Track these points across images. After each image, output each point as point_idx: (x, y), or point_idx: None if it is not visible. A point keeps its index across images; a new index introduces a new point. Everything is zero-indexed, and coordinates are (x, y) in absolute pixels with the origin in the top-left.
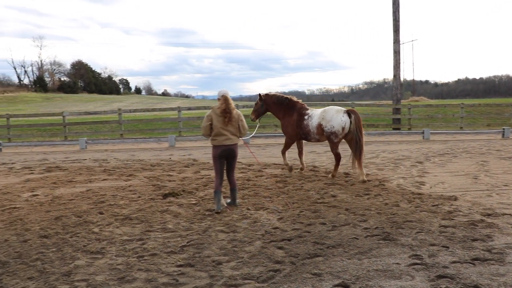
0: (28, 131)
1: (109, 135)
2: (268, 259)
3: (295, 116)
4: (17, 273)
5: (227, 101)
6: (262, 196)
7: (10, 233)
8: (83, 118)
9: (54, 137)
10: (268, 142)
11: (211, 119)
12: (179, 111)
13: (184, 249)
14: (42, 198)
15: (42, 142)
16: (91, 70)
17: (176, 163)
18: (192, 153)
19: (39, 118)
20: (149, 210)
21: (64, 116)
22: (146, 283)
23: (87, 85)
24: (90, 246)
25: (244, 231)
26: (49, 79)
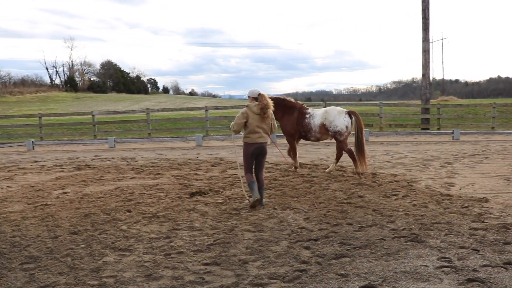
0: (59, 130)
1: (137, 134)
2: (294, 259)
3: (296, 115)
4: (48, 268)
5: (267, 99)
6: (289, 195)
7: (42, 229)
8: (112, 117)
9: (84, 136)
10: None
11: (247, 117)
12: (206, 111)
13: (211, 248)
14: (72, 195)
15: (72, 140)
16: (120, 70)
17: (203, 162)
18: (219, 152)
19: (70, 117)
20: (176, 209)
21: (93, 115)
22: (173, 280)
23: (116, 85)
24: (118, 243)
25: (271, 230)
26: (79, 79)
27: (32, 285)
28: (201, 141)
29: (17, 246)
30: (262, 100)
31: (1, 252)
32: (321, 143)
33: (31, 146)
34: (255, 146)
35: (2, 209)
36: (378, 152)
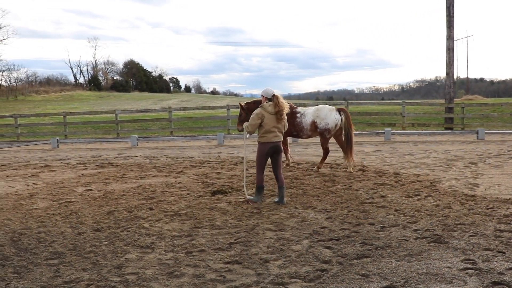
0: (83, 128)
1: (159, 133)
2: (315, 259)
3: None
4: (72, 264)
5: (282, 100)
6: (310, 195)
7: (66, 226)
8: (134, 116)
9: (107, 134)
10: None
11: (262, 118)
12: (228, 109)
13: (232, 246)
14: (96, 193)
15: (95, 139)
16: (142, 69)
17: (225, 160)
18: (240, 151)
19: (93, 116)
20: (197, 207)
21: (116, 114)
22: (194, 278)
23: (138, 84)
24: (141, 240)
25: (292, 229)
26: (103, 78)
27: (57, 280)
28: (223, 139)
29: (42, 242)
30: (278, 101)
31: (27, 248)
32: None
33: (56, 144)
34: (270, 145)
35: (28, 205)
36: (401, 151)
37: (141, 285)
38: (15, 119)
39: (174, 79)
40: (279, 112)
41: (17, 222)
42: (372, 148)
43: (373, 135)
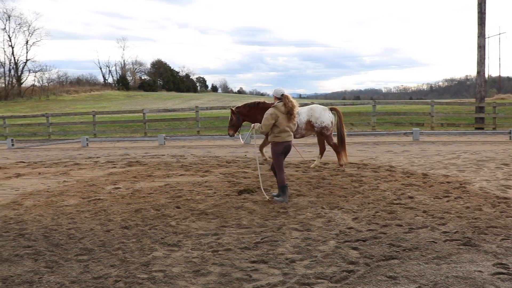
0: (111, 127)
1: (186, 132)
2: (342, 259)
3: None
4: (101, 260)
5: (291, 99)
6: (337, 195)
7: (95, 223)
8: (162, 115)
9: (135, 133)
10: None
11: (276, 118)
12: None
13: (258, 246)
14: (124, 191)
15: (124, 138)
16: (169, 69)
17: (251, 160)
18: (267, 150)
19: (121, 115)
20: (224, 206)
21: (144, 113)
22: (220, 277)
23: (166, 83)
24: (168, 238)
25: (318, 230)
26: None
27: (86, 276)
28: (250, 139)
29: (72, 238)
30: (288, 101)
31: (58, 243)
32: (370, 142)
33: (86, 142)
34: (284, 144)
35: (59, 202)
36: (429, 152)
37: (168, 283)
38: (46, 118)
39: (201, 79)
40: (290, 111)
41: (48, 218)
42: (399, 148)
43: (401, 135)
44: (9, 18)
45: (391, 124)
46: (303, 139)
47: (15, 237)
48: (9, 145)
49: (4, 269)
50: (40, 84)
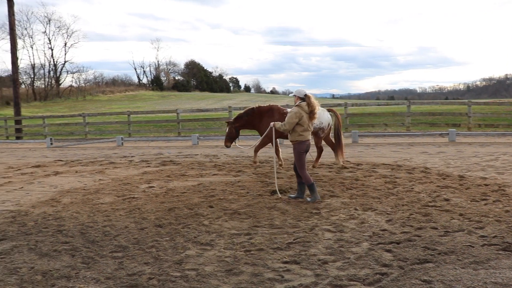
0: (145, 127)
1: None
2: (375, 262)
3: (277, 116)
4: (135, 257)
5: (313, 99)
6: (371, 196)
7: (130, 221)
8: (195, 115)
9: (169, 133)
10: (377, 141)
11: (300, 117)
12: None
13: (290, 246)
14: (158, 190)
15: (158, 137)
16: (203, 69)
17: (284, 160)
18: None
19: (155, 115)
20: (257, 206)
21: (178, 113)
22: (252, 277)
23: (199, 84)
24: (200, 237)
25: (351, 231)
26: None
27: (121, 272)
28: (282, 139)
29: (107, 235)
30: (311, 101)
31: (94, 240)
32: (404, 143)
33: (121, 142)
34: (306, 143)
35: (95, 200)
36: (466, 153)
37: (201, 281)
38: (83, 118)
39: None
40: (312, 111)
41: (85, 216)
42: (435, 150)
43: (436, 136)
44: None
45: (426, 125)
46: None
47: (54, 233)
48: (48, 144)
49: (43, 263)
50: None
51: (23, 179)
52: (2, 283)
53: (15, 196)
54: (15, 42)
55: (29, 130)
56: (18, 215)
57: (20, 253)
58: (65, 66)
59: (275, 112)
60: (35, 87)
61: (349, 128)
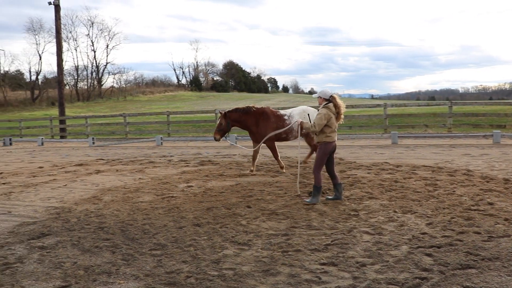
0: (184, 127)
1: None
2: (414, 266)
3: (273, 119)
4: (174, 256)
5: (338, 99)
6: (410, 199)
7: (168, 219)
8: None
9: (207, 133)
10: (417, 142)
11: (328, 118)
12: None
13: (328, 248)
14: (196, 189)
15: (196, 137)
16: (241, 69)
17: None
18: (338, 152)
19: (194, 115)
20: (294, 207)
21: (216, 114)
22: (290, 278)
23: (237, 84)
24: (238, 237)
25: (390, 234)
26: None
27: (159, 270)
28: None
29: (147, 233)
30: (338, 102)
31: (134, 237)
32: (446, 145)
33: (160, 141)
34: (333, 144)
35: (135, 198)
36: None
37: (238, 281)
38: (124, 118)
39: (272, 79)
40: (339, 112)
41: (125, 213)
42: (478, 152)
43: (480, 138)
44: (92, 25)
45: (468, 126)
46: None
47: (95, 230)
48: (90, 143)
49: (85, 259)
50: (118, 85)
51: (67, 177)
52: (48, 276)
53: (59, 193)
54: (60, 45)
55: (72, 129)
56: (62, 211)
57: (64, 248)
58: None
59: (271, 115)
60: (78, 88)
61: (389, 129)
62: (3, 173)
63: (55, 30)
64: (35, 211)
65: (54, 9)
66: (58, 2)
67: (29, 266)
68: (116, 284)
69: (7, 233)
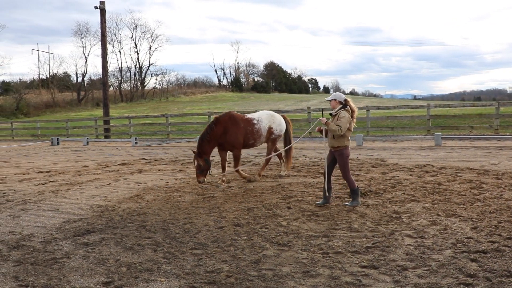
0: None
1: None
2: (459, 271)
3: (242, 124)
4: (214, 255)
5: (351, 102)
6: (454, 202)
7: (209, 219)
8: None
9: None
10: (462, 144)
11: (350, 121)
12: (368, 111)
13: (369, 250)
14: (237, 189)
15: None
16: (282, 70)
17: (364, 162)
18: (379, 153)
19: None
20: (335, 208)
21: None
22: (329, 280)
23: (278, 85)
24: (278, 238)
25: (433, 237)
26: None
27: (200, 269)
28: (362, 141)
29: (188, 232)
30: (352, 105)
31: (175, 236)
32: (492, 147)
33: None
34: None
35: (176, 198)
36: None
37: (277, 282)
38: (166, 118)
39: (313, 80)
40: (352, 116)
41: (166, 213)
42: None
43: None
44: (135, 27)
45: None
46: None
47: (138, 228)
48: (133, 143)
49: (128, 256)
50: (160, 86)
51: (111, 176)
52: (92, 272)
53: (103, 191)
54: (105, 48)
55: (116, 129)
56: (106, 209)
57: (107, 245)
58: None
59: (239, 120)
60: (122, 89)
61: (432, 131)
62: (51, 172)
63: (101, 33)
64: (80, 209)
65: (100, 13)
66: (104, 6)
67: (75, 262)
68: (158, 282)
69: (54, 229)
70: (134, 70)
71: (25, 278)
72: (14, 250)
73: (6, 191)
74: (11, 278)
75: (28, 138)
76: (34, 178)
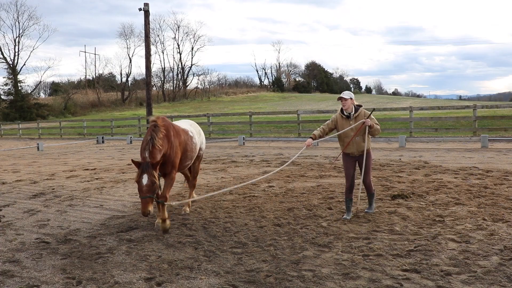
0: (266, 128)
1: None
2: (506, 279)
3: (183, 136)
4: (254, 254)
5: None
6: (502, 206)
7: (249, 218)
8: (315, 117)
9: (289, 134)
10: (510, 146)
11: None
12: (411, 111)
13: (411, 254)
14: (277, 189)
15: (278, 138)
16: (323, 70)
17: (406, 164)
18: (423, 155)
19: (276, 116)
20: (376, 210)
21: (298, 114)
22: (370, 282)
23: (319, 85)
24: (318, 239)
25: (479, 243)
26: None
27: (239, 268)
28: (405, 142)
29: (228, 231)
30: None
31: (216, 235)
32: None
33: (242, 141)
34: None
35: (217, 197)
36: None
37: (317, 283)
38: (207, 118)
39: (355, 80)
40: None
41: (207, 211)
42: None
43: None
44: (178, 29)
45: None
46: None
47: (179, 226)
48: None
49: (169, 253)
50: (202, 86)
51: None
52: (135, 268)
53: None
54: (149, 49)
55: None
56: None
57: (149, 242)
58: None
59: (179, 131)
60: (164, 89)
61: (478, 132)
62: (96, 169)
63: (144, 34)
64: (123, 206)
65: (144, 15)
66: (148, 8)
67: (118, 257)
68: (198, 279)
69: (99, 225)
70: (177, 70)
71: (72, 271)
72: (62, 244)
73: (55, 187)
74: (60, 270)
75: (75, 136)
76: (81, 175)
